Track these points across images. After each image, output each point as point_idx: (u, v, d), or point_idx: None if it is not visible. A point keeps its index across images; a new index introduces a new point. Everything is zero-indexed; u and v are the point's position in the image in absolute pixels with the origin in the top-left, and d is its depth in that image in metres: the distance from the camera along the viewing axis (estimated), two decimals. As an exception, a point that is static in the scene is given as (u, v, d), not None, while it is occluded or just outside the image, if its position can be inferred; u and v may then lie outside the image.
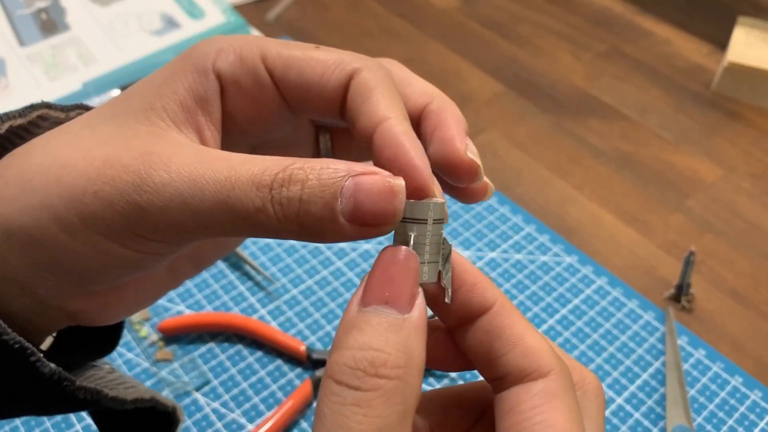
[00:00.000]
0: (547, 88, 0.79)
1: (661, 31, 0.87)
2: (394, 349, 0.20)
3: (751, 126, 0.75)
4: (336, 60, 0.25)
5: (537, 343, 0.23)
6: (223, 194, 0.21)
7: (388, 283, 0.21)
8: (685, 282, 0.57)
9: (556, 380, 0.22)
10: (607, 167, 0.70)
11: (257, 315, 0.56)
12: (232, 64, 0.25)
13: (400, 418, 0.19)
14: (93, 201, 0.23)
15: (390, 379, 0.19)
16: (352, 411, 0.19)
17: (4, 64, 0.79)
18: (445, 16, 0.90)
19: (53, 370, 0.25)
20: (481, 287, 0.24)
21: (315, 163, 0.22)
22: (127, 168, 0.22)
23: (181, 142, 0.24)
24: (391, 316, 0.20)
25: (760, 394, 0.52)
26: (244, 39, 0.26)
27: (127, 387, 0.31)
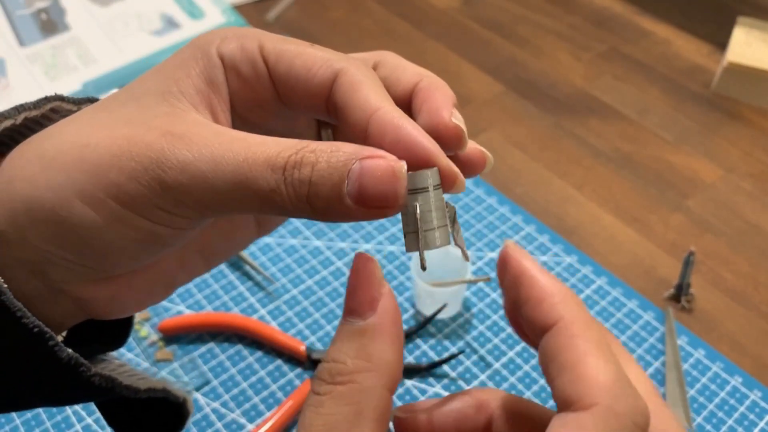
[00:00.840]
0: (547, 88, 0.79)
1: (661, 32, 0.88)
2: (349, 357, 0.22)
3: (750, 126, 0.75)
4: (324, 58, 0.26)
5: (591, 372, 0.21)
6: (241, 174, 0.22)
7: (350, 293, 0.23)
8: (684, 282, 0.57)
9: (594, 415, 0.20)
10: (607, 167, 0.70)
11: (257, 315, 0.56)
12: (233, 51, 0.26)
13: (351, 416, 0.21)
14: (118, 175, 0.23)
15: (342, 384, 0.21)
16: (310, 410, 0.21)
17: (4, 64, 0.79)
18: (445, 16, 0.90)
19: (70, 355, 0.25)
20: (549, 303, 0.23)
21: (326, 146, 0.22)
22: (151, 146, 0.23)
23: (201, 122, 0.25)
24: (353, 325, 0.22)
25: (759, 394, 0.52)
26: (246, 30, 0.27)
27: (140, 378, 0.32)
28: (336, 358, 0.22)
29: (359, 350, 0.22)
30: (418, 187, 0.23)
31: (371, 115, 0.24)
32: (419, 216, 0.23)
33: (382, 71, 0.29)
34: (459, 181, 0.24)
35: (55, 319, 0.27)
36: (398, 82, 0.28)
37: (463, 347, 0.54)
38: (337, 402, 0.21)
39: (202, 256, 0.31)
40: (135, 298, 0.29)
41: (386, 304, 0.22)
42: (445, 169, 0.23)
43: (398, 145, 0.23)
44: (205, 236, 0.31)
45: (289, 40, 0.27)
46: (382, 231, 0.63)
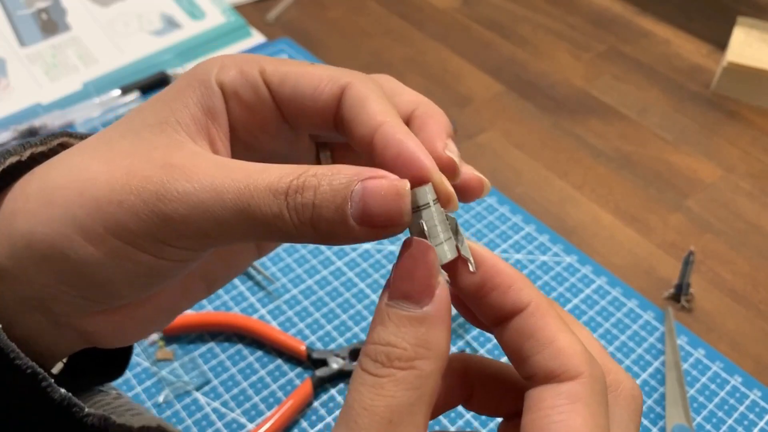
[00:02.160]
0: (547, 88, 0.79)
1: (661, 32, 0.88)
2: (410, 344, 0.22)
3: (750, 126, 0.75)
4: (329, 75, 0.26)
5: (569, 346, 0.23)
6: (243, 202, 0.23)
7: (406, 278, 0.22)
8: (684, 282, 0.57)
9: (583, 384, 0.22)
10: (607, 167, 0.70)
11: (257, 315, 0.56)
12: (233, 78, 0.26)
13: (411, 400, 0.21)
14: (117, 210, 0.23)
15: (404, 369, 0.21)
16: (368, 390, 0.21)
17: (4, 64, 0.79)
18: (445, 16, 0.90)
19: (63, 396, 0.25)
20: (516, 288, 0.24)
21: (327, 169, 0.23)
22: (150, 178, 0.23)
23: (199, 152, 0.25)
24: (409, 311, 0.22)
25: (759, 394, 0.52)
26: (244, 56, 0.27)
27: (134, 414, 0.32)
28: (394, 342, 0.22)
29: (418, 337, 0.22)
30: (420, 204, 0.23)
31: (376, 129, 0.24)
32: (428, 232, 0.23)
33: None
34: (453, 201, 0.24)
35: (58, 349, 0.27)
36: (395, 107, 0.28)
37: (463, 347, 0.54)
38: (399, 386, 0.21)
39: (205, 281, 0.31)
40: (138, 327, 0.29)
41: (443, 294, 0.22)
42: (439, 186, 0.24)
43: (398, 161, 0.24)
44: (207, 263, 0.31)
45: (289, 62, 0.27)
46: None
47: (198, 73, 0.27)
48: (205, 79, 0.26)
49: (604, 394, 0.23)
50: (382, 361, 0.22)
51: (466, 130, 0.73)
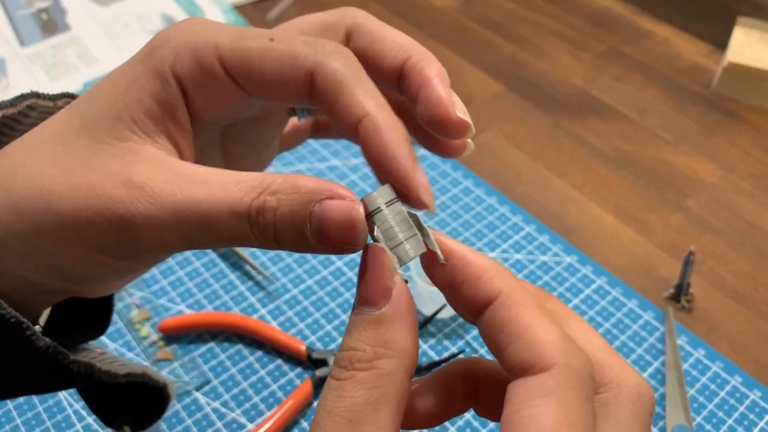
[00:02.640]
0: (547, 88, 0.79)
1: (661, 32, 0.88)
2: (369, 345, 0.22)
3: (750, 126, 0.75)
4: (293, 54, 0.24)
5: (542, 336, 0.22)
6: (206, 222, 0.23)
7: (363, 283, 0.23)
8: (684, 282, 0.57)
9: (554, 376, 0.21)
10: (607, 167, 0.70)
11: (257, 315, 0.56)
12: (190, 70, 0.25)
13: (371, 399, 0.21)
14: (86, 228, 0.24)
15: (363, 371, 0.22)
16: (331, 393, 0.22)
17: (4, 64, 0.79)
18: (445, 16, 0.90)
19: (48, 344, 0.26)
20: (486, 279, 0.23)
21: (285, 184, 0.23)
22: (114, 200, 0.23)
23: (158, 159, 0.24)
24: (368, 314, 0.22)
25: (759, 394, 0.52)
26: (200, 37, 0.25)
27: (119, 364, 0.32)
28: (354, 346, 0.22)
29: (377, 338, 0.22)
30: (371, 210, 0.23)
31: (358, 121, 0.24)
32: (381, 237, 0.23)
33: (360, 42, 0.28)
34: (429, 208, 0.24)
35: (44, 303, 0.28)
36: (381, 56, 0.27)
37: (463, 347, 0.54)
38: (358, 386, 0.21)
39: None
40: (122, 278, 0.29)
41: (399, 293, 0.22)
42: (414, 198, 0.24)
43: (379, 163, 0.24)
44: None
45: (247, 36, 0.25)
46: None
47: (153, 62, 0.25)
48: (161, 70, 0.25)
49: (583, 386, 0.21)
50: (345, 365, 0.22)
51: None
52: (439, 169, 0.69)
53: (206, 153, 0.31)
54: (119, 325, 0.55)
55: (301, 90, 0.25)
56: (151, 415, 0.38)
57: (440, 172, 0.68)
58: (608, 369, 0.23)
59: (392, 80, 0.27)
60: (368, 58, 0.27)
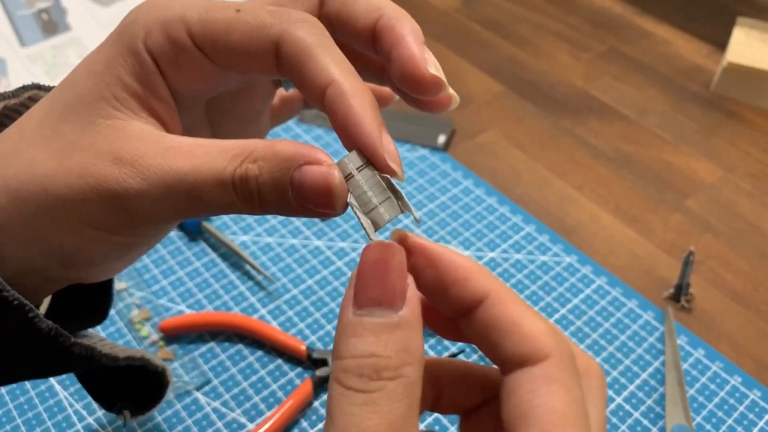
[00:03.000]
0: (547, 88, 0.79)
1: (661, 32, 0.88)
2: (394, 351, 0.21)
3: (750, 126, 0.75)
4: (258, 24, 0.25)
5: (534, 328, 0.23)
6: (195, 195, 0.23)
7: (376, 283, 0.22)
8: (684, 282, 0.57)
9: (555, 364, 0.22)
10: (607, 167, 0.70)
11: (257, 315, 0.56)
12: (162, 45, 0.25)
13: (407, 410, 0.21)
14: (82, 206, 0.24)
15: (392, 380, 0.21)
16: (362, 409, 0.20)
17: (4, 65, 0.79)
18: (444, 16, 0.90)
19: (50, 326, 0.27)
20: (473, 280, 0.23)
21: (265, 151, 0.23)
22: (106, 178, 0.24)
23: (145, 134, 0.25)
24: (386, 318, 0.21)
25: (759, 394, 0.52)
26: (168, 11, 0.25)
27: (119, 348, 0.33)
28: (377, 352, 0.21)
29: (399, 343, 0.21)
30: (345, 175, 0.23)
31: (324, 89, 0.24)
32: (355, 203, 0.23)
33: (332, 6, 0.27)
34: (396, 174, 0.24)
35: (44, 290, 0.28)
36: (353, 18, 0.27)
37: (463, 347, 0.54)
38: (392, 398, 0.20)
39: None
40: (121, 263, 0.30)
41: (414, 296, 0.22)
42: (380, 165, 0.24)
43: (344, 131, 0.24)
44: None
45: (215, 8, 0.25)
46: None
47: (126, 40, 0.25)
48: (134, 47, 0.25)
49: (574, 368, 0.23)
50: (369, 374, 0.20)
51: (466, 130, 0.73)
52: (439, 169, 0.69)
53: (195, 131, 0.31)
54: (119, 325, 0.55)
55: (268, 60, 0.25)
56: (150, 399, 0.39)
57: (440, 172, 0.68)
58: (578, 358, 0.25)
59: (367, 41, 0.27)
60: (341, 21, 0.27)
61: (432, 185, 0.67)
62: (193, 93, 0.27)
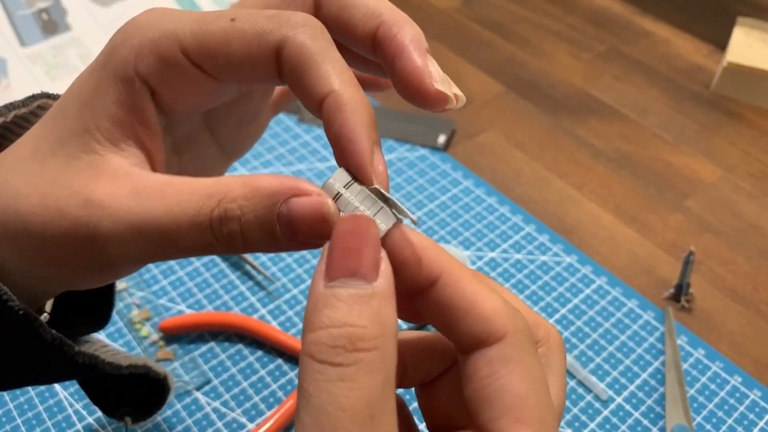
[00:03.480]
0: (546, 89, 0.79)
1: (661, 32, 0.88)
2: (369, 321, 0.20)
3: (750, 126, 0.75)
4: (257, 32, 0.23)
5: (489, 307, 0.22)
6: (168, 237, 0.23)
7: (350, 254, 0.21)
8: (684, 282, 0.57)
9: (511, 343, 0.22)
10: (607, 167, 0.70)
11: (258, 314, 0.56)
12: (154, 67, 0.24)
13: (384, 385, 0.20)
14: (59, 249, 0.24)
15: (369, 351, 0.19)
16: (338, 386, 0.19)
17: (5, 65, 0.79)
18: (444, 16, 0.90)
19: (55, 336, 0.27)
20: (426, 261, 0.23)
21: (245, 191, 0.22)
22: (78, 220, 0.24)
23: (118, 173, 0.24)
24: (359, 288, 0.20)
25: (759, 394, 0.52)
26: (159, 30, 0.24)
27: (122, 356, 0.33)
28: (351, 322, 0.20)
29: (374, 314, 0.20)
30: (333, 196, 0.23)
31: (321, 100, 0.23)
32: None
33: (329, 10, 0.26)
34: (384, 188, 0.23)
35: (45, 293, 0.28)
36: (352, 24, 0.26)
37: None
38: (370, 372, 0.19)
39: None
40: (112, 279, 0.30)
41: (387, 267, 0.21)
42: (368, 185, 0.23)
43: (337, 146, 0.23)
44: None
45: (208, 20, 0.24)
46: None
47: (114, 65, 0.24)
48: (124, 73, 0.24)
49: (531, 343, 0.23)
50: (344, 344, 0.19)
51: (466, 130, 0.73)
52: (439, 169, 0.69)
53: (194, 138, 0.31)
54: (119, 324, 0.55)
55: (270, 69, 0.24)
56: (151, 406, 0.39)
57: (440, 172, 0.68)
58: (539, 327, 0.25)
59: (367, 48, 0.26)
60: (339, 27, 0.26)
61: (432, 185, 0.67)
62: (190, 109, 0.26)
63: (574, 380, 0.53)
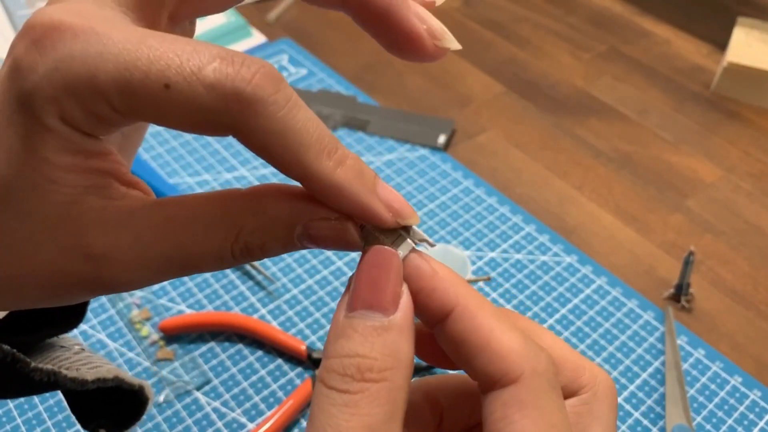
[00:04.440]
0: (547, 89, 0.79)
1: (661, 32, 0.88)
2: (380, 354, 0.20)
3: (750, 126, 0.75)
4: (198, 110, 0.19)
5: (505, 345, 0.21)
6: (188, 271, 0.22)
7: (371, 286, 0.21)
8: (684, 282, 0.57)
9: (526, 385, 0.21)
10: (607, 167, 0.70)
11: (258, 314, 0.56)
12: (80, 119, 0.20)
13: (387, 416, 0.20)
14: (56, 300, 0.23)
15: (376, 382, 0.20)
16: (341, 411, 0.20)
17: (4, 65, 0.79)
18: (445, 16, 0.90)
19: (6, 352, 0.25)
20: (441, 291, 0.22)
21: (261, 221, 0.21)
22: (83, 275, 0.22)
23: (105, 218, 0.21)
24: (375, 320, 0.21)
25: (759, 394, 0.52)
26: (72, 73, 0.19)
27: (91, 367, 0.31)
28: (362, 353, 0.20)
29: (387, 347, 0.20)
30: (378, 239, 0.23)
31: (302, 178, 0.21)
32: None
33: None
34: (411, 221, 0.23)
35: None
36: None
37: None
38: (373, 401, 0.20)
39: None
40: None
41: (408, 302, 0.21)
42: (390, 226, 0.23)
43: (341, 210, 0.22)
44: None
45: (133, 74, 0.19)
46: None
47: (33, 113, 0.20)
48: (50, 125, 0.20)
49: (552, 386, 0.21)
50: (352, 374, 0.20)
51: (466, 130, 0.73)
52: (440, 169, 0.69)
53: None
54: (119, 325, 0.55)
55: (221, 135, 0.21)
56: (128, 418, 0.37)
57: (440, 172, 0.68)
58: (583, 371, 0.24)
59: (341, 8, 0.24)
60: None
61: (432, 185, 0.67)
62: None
63: (574, 380, 0.53)
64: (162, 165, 0.69)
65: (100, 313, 0.56)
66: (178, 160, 0.70)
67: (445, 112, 0.75)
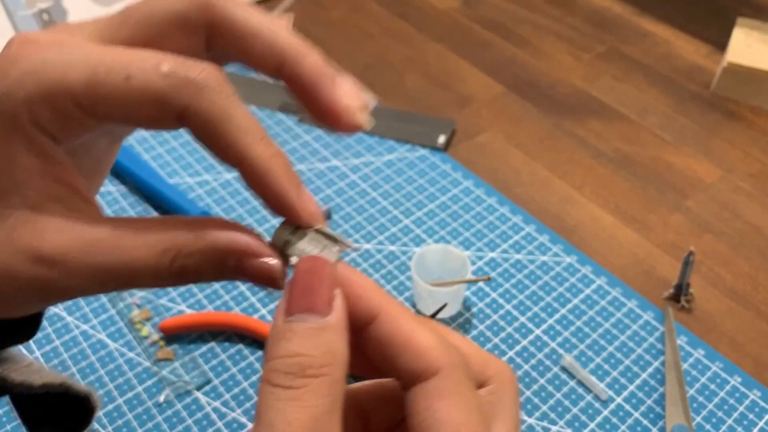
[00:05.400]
0: (546, 89, 0.79)
1: (661, 32, 0.88)
2: (319, 352, 0.22)
3: (750, 126, 0.75)
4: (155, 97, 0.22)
5: (425, 343, 0.24)
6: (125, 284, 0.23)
7: (306, 292, 0.23)
8: (684, 282, 0.57)
9: (446, 376, 0.23)
10: (607, 167, 0.70)
11: (258, 314, 0.56)
12: (49, 119, 0.23)
13: (330, 407, 0.22)
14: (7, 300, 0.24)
15: (317, 377, 0.22)
16: (287, 405, 0.21)
17: (5, 65, 0.79)
18: (445, 16, 0.90)
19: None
20: (365, 299, 0.24)
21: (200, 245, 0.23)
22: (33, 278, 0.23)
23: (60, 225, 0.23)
24: (312, 322, 0.23)
25: (759, 394, 0.52)
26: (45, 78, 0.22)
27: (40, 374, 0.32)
28: (303, 352, 0.22)
29: (324, 345, 0.22)
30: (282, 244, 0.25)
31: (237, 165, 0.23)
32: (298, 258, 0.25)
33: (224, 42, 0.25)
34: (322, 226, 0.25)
35: None
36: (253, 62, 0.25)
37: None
38: (317, 394, 0.22)
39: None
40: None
41: (340, 303, 0.23)
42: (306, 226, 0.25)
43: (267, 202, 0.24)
44: None
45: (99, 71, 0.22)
46: (383, 231, 0.63)
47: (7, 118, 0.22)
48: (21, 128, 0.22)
49: (467, 377, 0.24)
50: (295, 372, 0.22)
51: (466, 130, 0.73)
52: (439, 169, 0.69)
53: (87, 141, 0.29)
54: (120, 325, 0.56)
55: (173, 125, 0.23)
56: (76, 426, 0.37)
57: (440, 172, 0.69)
58: (489, 364, 0.26)
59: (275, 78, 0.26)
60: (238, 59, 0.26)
61: (432, 185, 0.67)
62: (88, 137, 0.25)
63: (574, 380, 0.53)
64: (162, 165, 0.69)
65: (101, 313, 0.56)
66: (178, 160, 0.70)
67: (445, 113, 0.75)
